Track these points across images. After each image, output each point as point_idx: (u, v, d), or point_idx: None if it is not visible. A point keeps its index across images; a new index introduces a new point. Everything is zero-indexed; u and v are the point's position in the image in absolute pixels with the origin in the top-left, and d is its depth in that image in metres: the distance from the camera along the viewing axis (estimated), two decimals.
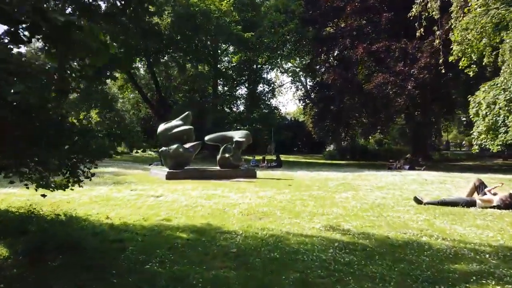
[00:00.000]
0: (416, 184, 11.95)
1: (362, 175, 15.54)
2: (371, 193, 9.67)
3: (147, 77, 38.19)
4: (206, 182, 11.94)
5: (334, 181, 12.82)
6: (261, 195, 9.16)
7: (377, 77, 21.34)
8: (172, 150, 13.34)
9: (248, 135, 14.90)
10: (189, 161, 14.08)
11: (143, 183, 11.55)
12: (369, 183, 12.30)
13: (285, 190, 10.24)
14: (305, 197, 8.87)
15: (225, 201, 8.13)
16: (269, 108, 33.89)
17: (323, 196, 9.04)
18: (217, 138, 15.17)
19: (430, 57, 20.21)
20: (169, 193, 9.31)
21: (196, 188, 10.28)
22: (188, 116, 13.91)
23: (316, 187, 11.15)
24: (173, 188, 10.32)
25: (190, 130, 13.55)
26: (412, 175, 15.84)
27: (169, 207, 7.32)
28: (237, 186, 10.91)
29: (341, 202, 8.07)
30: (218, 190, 9.97)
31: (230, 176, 13.87)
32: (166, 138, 13.66)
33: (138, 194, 8.93)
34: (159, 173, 13.48)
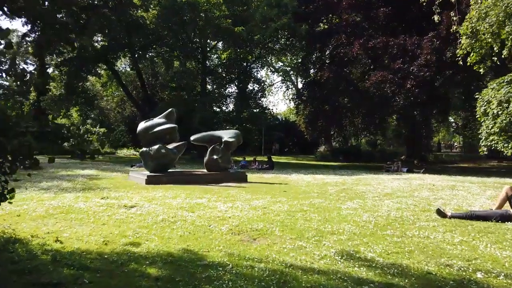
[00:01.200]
0: (425, 190, 10.74)
1: (362, 179, 14.31)
2: (380, 202, 8.40)
3: (132, 74, 36.55)
4: (191, 188, 10.55)
5: (334, 186, 11.55)
6: (254, 204, 7.82)
7: (375, 75, 20.18)
8: (153, 151, 11.92)
9: (238, 135, 13.55)
10: (172, 163, 12.67)
11: (118, 189, 10.10)
12: (372, 188, 11.05)
13: (280, 197, 8.92)
14: (306, 207, 7.56)
15: (212, 213, 6.76)
16: (259, 108, 32.60)
17: (327, 206, 7.73)
18: (204, 138, 13.78)
19: (430, 54, 19.13)
20: (145, 202, 7.90)
21: (178, 196, 8.89)
22: (171, 113, 12.50)
23: (315, 193, 9.86)
24: (152, 195, 8.91)
25: (173, 128, 12.14)
26: (415, 179, 14.67)
27: (142, 222, 5.93)
28: (226, 193, 9.55)
29: (350, 215, 6.77)
30: (204, 198, 8.60)
31: (219, 180, 12.51)
32: (147, 137, 12.24)
33: (108, 204, 7.51)
34: (138, 177, 12.04)
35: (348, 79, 23.11)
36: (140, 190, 9.87)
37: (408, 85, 19.35)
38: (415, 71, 19.39)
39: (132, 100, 33.03)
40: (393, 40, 20.69)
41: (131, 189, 10.15)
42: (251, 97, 32.27)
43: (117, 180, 12.39)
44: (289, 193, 9.88)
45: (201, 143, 14.13)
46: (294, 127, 46.99)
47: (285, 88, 60.29)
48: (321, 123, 25.50)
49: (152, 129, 12.14)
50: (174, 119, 12.60)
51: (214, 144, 13.31)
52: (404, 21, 23.06)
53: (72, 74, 26.88)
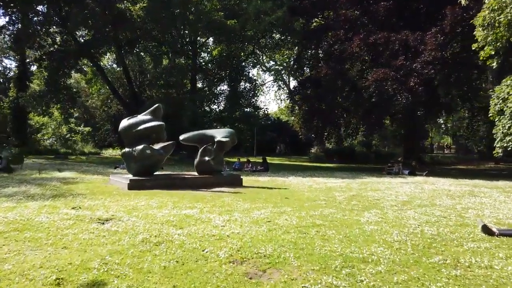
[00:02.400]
0: (444, 197, 9.58)
1: (367, 183, 13.13)
2: (403, 213, 7.18)
3: (118, 71, 34.93)
4: (180, 194, 9.22)
5: (340, 192, 10.32)
6: (256, 216, 6.54)
7: (376, 72, 19.04)
8: (137, 152, 10.55)
9: (232, 134, 12.24)
10: (159, 165, 11.31)
11: (94, 196, 8.71)
12: (384, 195, 9.85)
13: (284, 206, 7.65)
14: (318, 220, 6.30)
15: (205, 230, 5.45)
16: (251, 107, 31.31)
17: (342, 219, 6.48)
18: (195, 138, 12.43)
19: (435, 50, 18.05)
20: (124, 214, 6.55)
21: (164, 205, 7.55)
22: (158, 109, 11.12)
23: (323, 201, 8.61)
24: (133, 204, 7.56)
25: (160, 126, 10.77)
26: (424, 183, 13.55)
27: (115, 245, 4.60)
28: (220, 201, 8.24)
29: (375, 231, 5.53)
30: (195, 207, 7.28)
31: (211, 184, 11.19)
32: (130, 136, 10.85)
33: (77, 217, 6.14)
34: (120, 181, 10.65)
35: (346, 76, 21.94)
36: (121, 197, 8.50)
37: (411, 83, 18.25)
38: (418, 68, 18.30)
39: (118, 98, 31.44)
40: (395, 36, 19.59)
41: (110, 195, 8.77)
42: (243, 96, 30.98)
43: (96, 185, 10.97)
44: (292, 201, 8.61)
45: (191, 143, 12.79)
46: (286, 127, 45.90)
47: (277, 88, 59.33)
48: (316, 122, 24.29)
49: (136, 127, 10.76)
50: (161, 116, 11.24)
51: (206, 144, 11.98)
52: (405, 16, 22.01)
53: (54, 70, 25.24)
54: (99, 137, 37.60)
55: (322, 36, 23.16)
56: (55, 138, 32.63)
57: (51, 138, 32.23)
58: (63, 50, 24.95)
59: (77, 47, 25.20)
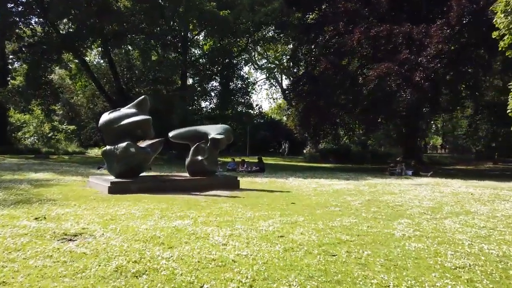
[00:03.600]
0: (475, 202, 8.43)
1: (376, 185, 11.96)
2: (440, 223, 5.97)
3: (105, 66, 33.29)
4: (170, 199, 7.89)
5: (352, 196, 9.10)
6: (263, 228, 5.27)
7: (379, 67, 17.91)
8: (119, 150, 9.18)
9: (227, 131, 10.93)
10: (145, 165, 9.94)
11: (67, 202, 7.33)
12: (403, 200, 8.65)
13: (294, 215, 6.40)
14: (341, 234, 5.05)
15: (202, 250, 4.16)
16: (244, 106, 30.05)
17: (370, 232, 5.25)
18: (186, 135, 11.09)
19: (442, 43, 16.98)
20: (98, 226, 5.21)
21: (150, 214, 6.22)
22: (144, 102, 9.75)
23: (337, 208, 7.38)
24: (112, 213, 6.21)
25: (146, 121, 9.41)
26: (437, 185, 12.44)
27: (77, 277, 3.28)
28: (217, 208, 6.93)
29: (422, 251, 4.30)
30: (188, 217, 5.97)
31: (204, 186, 9.88)
32: (112, 132, 9.48)
33: (37, 232, 4.80)
34: (100, 184, 9.27)
35: (346, 71, 20.77)
36: (98, 204, 7.14)
37: (416, 77, 17.16)
38: (424, 62, 17.22)
39: (104, 94, 29.83)
40: (398, 28, 18.49)
41: (85, 201, 7.40)
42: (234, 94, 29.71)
43: (72, 188, 9.56)
44: (301, 207, 7.36)
45: (182, 141, 11.44)
46: (280, 126, 44.71)
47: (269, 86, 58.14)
48: (313, 120, 23.06)
49: (119, 121, 9.38)
50: (148, 109, 9.87)
51: (199, 142, 10.65)
52: (407, 9, 20.97)
53: (34, 63, 23.60)
54: (84, 136, 35.89)
55: (320, 30, 21.96)
56: (37, 137, 30.89)
57: (32, 137, 30.49)
58: (44, 42, 23.34)
59: (59, 39, 23.59)
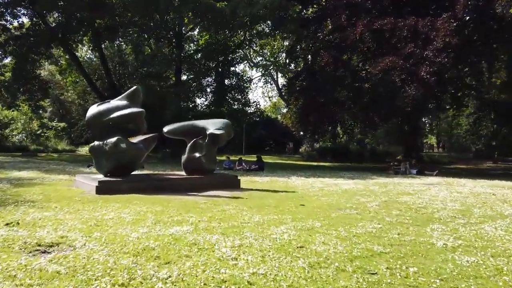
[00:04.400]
0: (504, 204, 7.67)
1: (386, 185, 11.19)
2: (480, 230, 5.20)
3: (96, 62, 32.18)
4: (165, 201, 7.03)
5: (365, 197, 8.31)
6: (277, 236, 4.45)
7: (383, 61, 17.14)
8: (109, 146, 8.29)
9: (228, 126, 10.07)
10: (137, 163, 9.05)
11: (47, 204, 6.44)
12: (424, 201, 7.88)
13: (309, 219, 5.59)
14: (371, 243, 4.24)
15: (208, 266, 3.32)
16: (240, 103, 29.19)
17: (404, 241, 4.44)
18: (183, 130, 10.21)
19: (449, 36, 16.25)
20: (80, 234, 4.34)
21: (142, 218, 5.36)
22: (136, 93, 8.85)
23: (353, 210, 6.58)
24: (98, 217, 5.34)
25: (139, 114, 8.52)
26: (452, 185, 11.70)
27: None
28: (219, 211, 6.09)
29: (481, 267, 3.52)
30: (186, 222, 5.13)
31: (203, 186, 9.04)
32: (101, 126, 8.58)
33: (4, 241, 3.92)
34: (87, 184, 8.37)
35: (348, 66, 19.97)
36: (83, 206, 6.26)
37: (422, 72, 16.41)
38: (430, 56, 16.47)
39: (96, 90, 28.69)
40: (403, 21, 17.72)
41: (69, 203, 6.51)
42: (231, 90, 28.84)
43: (56, 188, 8.65)
44: (312, 210, 6.54)
45: (178, 136, 10.56)
46: (276, 125, 43.86)
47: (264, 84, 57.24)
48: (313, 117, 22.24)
49: (109, 114, 8.48)
50: (140, 101, 8.98)
51: (196, 137, 9.78)
52: (412, 1, 20.25)
53: (21, 56, 22.52)
54: (75, 134, 34.74)
55: (320, 23, 21.14)
56: (25, 134, 29.74)
57: (20, 134, 29.34)
58: (32, 35, 22.26)
59: (48, 31, 22.51)
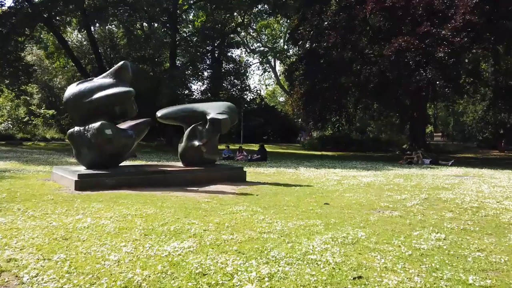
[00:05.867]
0: None
1: (410, 176, 9.93)
2: None
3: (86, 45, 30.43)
4: (158, 199, 5.69)
5: (394, 192, 7.03)
6: (318, 258, 3.12)
7: (397, 41, 15.75)
8: (91, 133, 6.90)
9: (232, 110, 8.70)
10: (126, 153, 7.67)
11: (9, 203, 5.08)
12: (470, 198, 6.60)
13: (345, 226, 4.30)
14: (454, 268, 2.95)
15: None
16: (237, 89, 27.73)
17: (499, 263, 3.14)
18: (180, 114, 8.81)
19: (470, 14, 14.87)
20: (34, 257, 2.99)
21: (128, 227, 4.02)
22: (124, 69, 7.42)
23: (389, 210, 5.30)
24: (68, 226, 3.99)
25: (127, 94, 7.11)
26: (481, 176, 10.45)
27: None
28: (229, 215, 4.76)
29: None
30: (187, 235, 3.80)
31: (203, 180, 7.72)
32: (82, 109, 7.17)
33: None
34: (66, 178, 7.00)
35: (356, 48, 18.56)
36: (54, 208, 4.91)
37: (439, 53, 15.07)
38: (448, 36, 15.11)
39: (85, 75, 26.97)
40: None
41: (37, 203, 5.15)
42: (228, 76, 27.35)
43: (29, 182, 7.26)
44: (342, 210, 5.26)
45: (174, 122, 9.19)
46: (275, 113, 42.42)
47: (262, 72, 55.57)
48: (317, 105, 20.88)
49: (91, 95, 7.07)
50: (129, 79, 7.56)
51: (195, 123, 8.40)
52: None
53: (3, 37, 20.82)
54: (65, 121, 33.08)
55: (327, 1, 19.62)
56: (11, 122, 28.08)
57: (6, 122, 27.68)
58: (15, 13, 20.55)
59: (32, 10, 20.81)
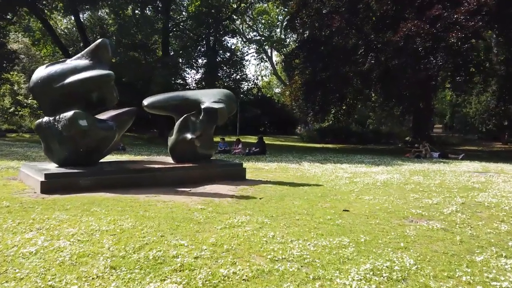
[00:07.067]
0: None
1: (428, 173, 8.93)
2: None
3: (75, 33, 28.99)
4: (140, 206, 4.62)
5: (423, 195, 6.02)
6: None
7: (406, 25, 14.64)
8: (63, 124, 5.78)
9: (230, 99, 7.58)
10: (104, 148, 6.53)
11: None
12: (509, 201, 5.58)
13: (381, 249, 3.25)
14: None
15: None
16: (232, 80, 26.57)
17: None
18: (170, 102, 7.65)
19: None
20: None
21: (91, 255, 2.93)
22: (102, 48, 6.25)
23: (429, 221, 4.28)
24: (9, 249, 2.89)
25: (105, 78, 5.96)
26: (504, 172, 9.46)
27: None
28: (228, 231, 3.69)
29: None
30: (171, 267, 2.71)
31: (196, 179, 6.65)
32: (52, 96, 6.03)
33: None
34: (33, 178, 5.88)
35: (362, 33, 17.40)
36: (5, 219, 3.83)
37: (452, 39, 14.00)
38: (461, 20, 14.02)
39: None
40: None
41: None
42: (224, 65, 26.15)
43: None
44: (367, 221, 4.24)
45: (163, 112, 8.05)
46: (271, 104, 41.24)
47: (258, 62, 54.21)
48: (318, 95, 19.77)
49: (62, 79, 5.92)
50: (109, 59, 6.40)
51: (188, 113, 7.27)
52: None
53: None
54: None
55: None
56: None
57: None
58: None
59: None
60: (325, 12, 17.85)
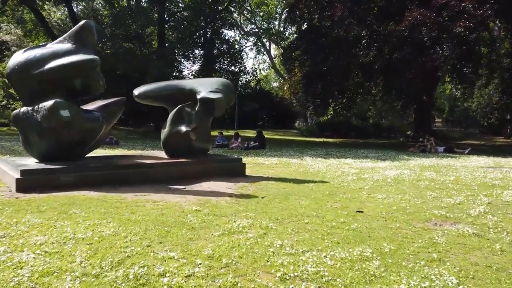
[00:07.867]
0: None
1: (439, 169, 8.39)
2: None
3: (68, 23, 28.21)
4: (127, 207, 4.05)
5: (441, 194, 5.47)
6: None
7: (411, 14, 14.04)
8: (41, 114, 5.19)
9: (228, 88, 6.99)
10: (91, 141, 5.94)
11: None
12: None
13: (413, 263, 2.68)
14: None
15: None
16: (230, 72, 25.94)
17: None
18: (162, 92, 7.05)
19: None
20: None
21: (61, 271, 2.35)
22: (87, 30, 5.63)
23: (457, 225, 3.74)
24: None
25: (89, 63, 5.36)
26: None
27: None
28: (227, 238, 3.12)
29: None
30: None
31: (192, 175, 6.09)
32: (30, 84, 5.43)
33: None
34: (8, 174, 5.30)
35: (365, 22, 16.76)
36: None
37: (458, 28, 13.41)
38: (469, 9, 13.43)
39: None
40: None
41: None
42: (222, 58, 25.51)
43: None
44: (385, 225, 3.69)
45: (155, 102, 7.44)
46: (270, 97, 40.60)
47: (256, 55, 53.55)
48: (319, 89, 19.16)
49: (42, 64, 5.31)
50: (94, 43, 5.80)
51: (182, 103, 6.68)
52: None
53: None
54: None
55: None
56: None
57: None
58: None
59: None
60: (326, 2, 17.19)
